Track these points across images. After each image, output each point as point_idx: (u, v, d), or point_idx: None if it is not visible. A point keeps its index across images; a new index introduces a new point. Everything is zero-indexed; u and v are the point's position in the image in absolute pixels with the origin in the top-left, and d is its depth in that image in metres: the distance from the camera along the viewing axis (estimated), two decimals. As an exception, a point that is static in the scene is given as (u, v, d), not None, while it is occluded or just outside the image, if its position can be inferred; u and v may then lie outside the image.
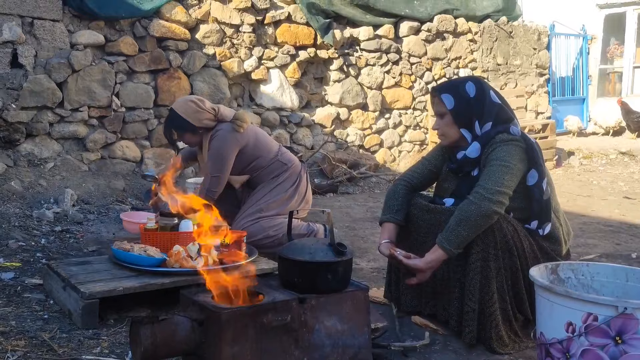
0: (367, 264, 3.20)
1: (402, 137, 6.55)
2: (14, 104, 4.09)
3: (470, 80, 2.30)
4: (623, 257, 3.39)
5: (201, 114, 3.15)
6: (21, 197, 3.96)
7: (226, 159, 3.14)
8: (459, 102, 2.25)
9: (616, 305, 1.65)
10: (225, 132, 3.15)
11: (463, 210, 2.09)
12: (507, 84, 7.69)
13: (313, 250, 1.95)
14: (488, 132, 2.23)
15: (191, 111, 3.14)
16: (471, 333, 2.09)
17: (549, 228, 2.23)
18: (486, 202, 2.06)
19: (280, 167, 3.28)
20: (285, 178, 3.27)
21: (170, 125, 3.22)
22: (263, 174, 3.26)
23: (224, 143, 3.14)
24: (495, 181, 2.09)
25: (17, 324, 2.18)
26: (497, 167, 2.13)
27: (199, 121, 3.15)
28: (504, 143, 2.17)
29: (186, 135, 3.21)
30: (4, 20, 4.03)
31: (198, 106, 3.16)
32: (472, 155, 2.24)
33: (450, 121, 2.27)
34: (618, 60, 10.27)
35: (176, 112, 3.17)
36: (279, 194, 3.22)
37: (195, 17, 4.90)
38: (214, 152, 3.14)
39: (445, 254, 2.11)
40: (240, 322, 1.69)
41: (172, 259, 2.40)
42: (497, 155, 2.15)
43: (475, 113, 2.24)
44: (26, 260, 3.00)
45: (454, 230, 2.08)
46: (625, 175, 6.62)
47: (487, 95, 2.26)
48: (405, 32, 6.38)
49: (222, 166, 3.13)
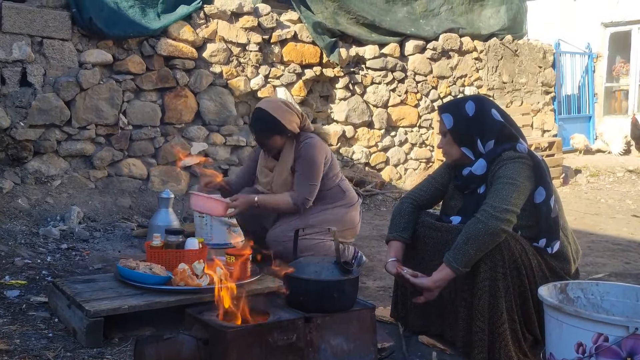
0: (374, 283, 3.18)
1: (408, 155, 6.55)
2: (22, 122, 4.12)
3: (471, 99, 2.32)
4: (633, 276, 3.35)
5: (292, 115, 2.98)
6: (28, 214, 3.97)
7: (319, 166, 2.97)
8: (457, 121, 2.27)
9: (627, 326, 1.62)
10: (315, 139, 3.00)
11: (471, 228, 2.07)
12: (513, 102, 7.69)
13: (319, 269, 1.94)
14: (493, 149, 2.23)
15: (282, 111, 2.95)
16: (481, 354, 2.06)
17: (557, 246, 2.21)
18: (494, 220, 2.05)
19: (339, 194, 3.13)
20: (341, 205, 3.12)
21: (260, 126, 3.00)
22: (321, 196, 3.06)
23: (317, 150, 2.97)
24: (502, 199, 2.08)
25: (22, 342, 2.17)
26: (504, 184, 2.12)
27: (289, 123, 2.96)
28: (511, 160, 2.17)
29: (274, 138, 2.99)
30: (13, 39, 4.08)
31: (288, 107, 2.99)
32: (477, 172, 2.24)
33: (451, 140, 2.29)
34: (624, 78, 10.26)
35: (267, 111, 2.96)
36: (331, 216, 3.05)
37: (203, 36, 4.95)
38: (310, 160, 2.96)
39: (453, 273, 2.09)
40: (245, 341, 1.68)
41: (177, 277, 2.39)
42: (504, 172, 2.15)
43: (476, 132, 2.25)
44: (32, 277, 3.00)
45: (461, 248, 2.07)
46: (633, 194, 6.57)
47: (487, 114, 2.27)
48: (410, 51, 6.41)
49: (317, 174, 2.95)
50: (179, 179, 4.88)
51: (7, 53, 4.05)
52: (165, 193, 3.92)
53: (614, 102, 10.37)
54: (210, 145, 5.05)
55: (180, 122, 4.88)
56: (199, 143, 4.96)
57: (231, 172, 5.14)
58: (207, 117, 5.01)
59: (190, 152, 4.90)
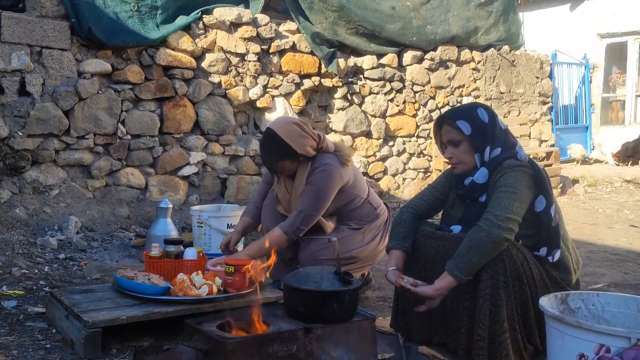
0: (373, 293, 3.17)
1: (406, 165, 6.56)
2: (20, 131, 4.12)
3: (480, 106, 2.32)
4: (632, 287, 3.34)
5: (305, 139, 2.75)
6: (25, 224, 3.95)
7: (327, 198, 2.76)
8: (475, 127, 2.25)
9: (629, 337, 1.62)
10: (332, 167, 2.76)
11: (474, 237, 2.07)
12: (511, 112, 7.72)
13: (319, 279, 1.93)
14: (495, 158, 2.23)
15: (295, 135, 2.74)
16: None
17: (558, 255, 2.21)
18: (496, 229, 2.05)
19: (370, 212, 2.95)
20: (375, 225, 2.94)
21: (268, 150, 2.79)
22: (353, 215, 2.90)
23: (330, 180, 2.75)
24: (504, 208, 2.08)
25: (19, 354, 2.15)
26: (505, 193, 2.12)
27: (302, 147, 2.74)
28: (512, 169, 2.17)
29: (284, 163, 2.78)
30: (12, 49, 4.08)
31: (302, 129, 2.77)
32: (479, 180, 2.24)
33: (468, 148, 2.26)
34: (620, 88, 10.32)
35: (277, 134, 2.74)
36: (368, 240, 2.90)
37: (202, 46, 4.96)
38: (317, 189, 2.74)
39: (455, 281, 2.09)
40: (245, 352, 1.67)
41: (176, 288, 2.38)
42: (506, 181, 2.15)
43: (488, 139, 2.25)
44: (29, 288, 2.98)
45: (464, 256, 2.06)
46: (631, 204, 6.58)
47: (497, 121, 2.29)
48: (408, 61, 6.44)
49: (320, 205, 2.75)
50: (177, 189, 4.87)
51: (6, 62, 4.05)
52: (163, 203, 3.91)
53: (610, 112, 10.43)
54: (208, 154, 5.04)
55: (179, 132, 4.87)
56: (197, 153, 4.96)
57: (229, 182, 5.14)
58: (205, 127, 5.01)
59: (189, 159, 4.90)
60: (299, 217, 2.73)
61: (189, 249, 2.73)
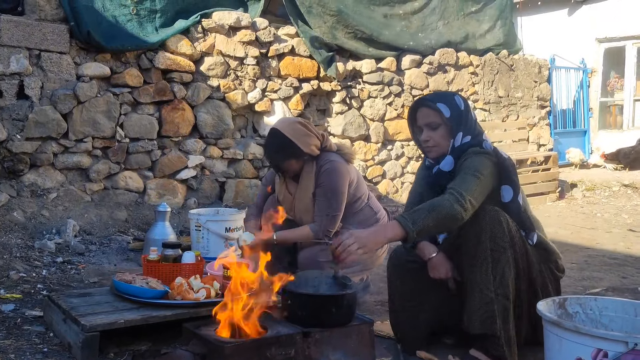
0: (371, 297, 3.16)
1: (404, 169, 6.56)
2: (19, 134, 4.12)
3: (455, 94, 2.38)
4: (630, 291, 3.35)
5: (310, 138, 2.78)
6: (23, 227, 3.94)
7: (343, 194, 2.77)
8: (454, 112, 2.29)
9: (626, 341, 1.62)
10: (337, 163, 2.79)
11: (438, 203, 2.06)
12: (509, 116, 7.73)
13: (317, 283, 1.93)
14: (462, 146, 2.26)
15: (300, 134, 2.77)
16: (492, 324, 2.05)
17: (535, 237, 2.25)
18: (457, 205, 2.05)
19: (370, 216, 2.95)
20: None
21: (274, 149, 2.82)
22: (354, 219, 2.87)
23: (339, 177, 2.77)
24: (467, 189, 2.10)
25: (17, 357, 2.15)
26: (470, 176, 2.14)
27: (307, 145, 2.77)
28: (476, 154, 2.21)
29: (290, 162, 2.80)
30: (11, 52, 4.08)
31: (307, 128, 2.81)
32: (445, 168, 2.29)
33: (445, 132, 2.29)
34: (618, 93, 10.35)
35: (282, 133, 2.77)
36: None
37: (200, 49, 4.96)
38: (331, 188, 2.76)
39: (403, 234, 1.99)
40: (243, 356, 1.67)
41: (174, 291, 2.37)
42: (470, 164, 2.18)
43: (462, 126, 2.28)
44: (27, 291, 2.98)
45: (422, 214, 2.01)
46: (629, 208, 6.59)
47: (470, 110, 2.34)
48: (407, 65, 6.45)
49: (340, 202, 2.76)
50: (175, 192, 4.87)
51: (5, 66, 4.05)
52: (162, 206, 3.91)
53: (609, 116, 10.45)
54: (207, 158, 5.05)
55: (178, 135, 4.88)
56: (196, 156, 4.97)
57: (228, 186, 5.14)
58: (204, 130, 5.01)
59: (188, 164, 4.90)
60: (326, 220, 2.78)
61: (187, 252, 2.73)
